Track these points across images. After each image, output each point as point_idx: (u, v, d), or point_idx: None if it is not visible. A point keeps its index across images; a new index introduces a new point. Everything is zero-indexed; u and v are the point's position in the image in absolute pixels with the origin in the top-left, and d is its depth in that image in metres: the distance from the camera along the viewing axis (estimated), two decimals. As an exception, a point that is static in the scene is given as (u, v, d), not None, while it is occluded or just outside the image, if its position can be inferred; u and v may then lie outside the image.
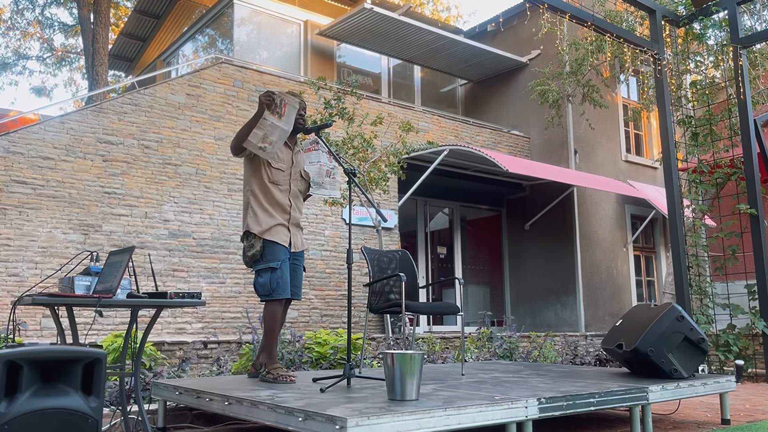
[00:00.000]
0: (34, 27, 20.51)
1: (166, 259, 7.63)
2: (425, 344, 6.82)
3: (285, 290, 3.73)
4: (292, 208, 3.90)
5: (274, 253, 3.73)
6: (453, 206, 11.53)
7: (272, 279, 3.69)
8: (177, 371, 4.90)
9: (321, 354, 5.29)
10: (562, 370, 4.70)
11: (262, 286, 3.72)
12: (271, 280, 3.69)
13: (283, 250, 3.77)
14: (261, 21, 10.86)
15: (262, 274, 3.72)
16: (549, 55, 11.24)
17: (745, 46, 7.09)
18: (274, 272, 3.70)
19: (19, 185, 6.87)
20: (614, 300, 11.25)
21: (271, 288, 3.69)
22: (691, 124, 7.67)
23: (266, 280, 3.70)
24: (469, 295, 11.61)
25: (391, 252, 4.92)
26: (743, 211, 6.92)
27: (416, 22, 10.60)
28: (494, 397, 2.96)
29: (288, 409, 2.67)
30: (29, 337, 6.39)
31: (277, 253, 3.73)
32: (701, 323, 6.87)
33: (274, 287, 3.69)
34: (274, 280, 3.69)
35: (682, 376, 3.85)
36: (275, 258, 3.72)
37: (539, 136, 11.65)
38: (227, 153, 8.33)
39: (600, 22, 6.87)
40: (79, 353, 2.31)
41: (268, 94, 3.70)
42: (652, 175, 12.33)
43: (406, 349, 5.47)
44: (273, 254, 3.72)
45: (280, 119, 3.67)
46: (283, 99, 3.70)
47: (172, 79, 8.31)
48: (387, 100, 11.29)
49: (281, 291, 3.71)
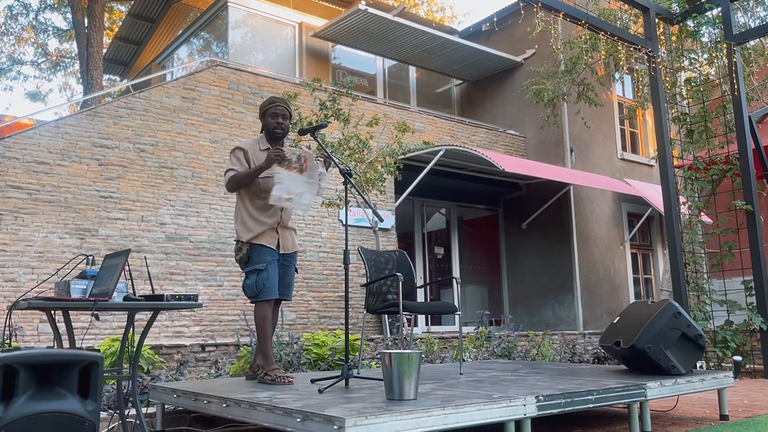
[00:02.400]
0: (29, 32, 20.48)
1: (163, 262, 7.62)
2: (423, 344, 6.82)
3: (272, 291, 3.76)
4: (283, 211, 3.91)
5: (259, 255, 3.77)
6: (450, 206, 11.53)
7: (258, 280, 3.73)
8: (175, 374, 4.89)
9: (319, 355, 5.29)
10: (561, 368, 4.70)
11: (249, 288, 3.78)
12: (257, 282, 3.73)
13: (269, 251, 3.80)
14: (255, 23, 10.86)
15: (249, 276, 3.78)
16: (544, 54, 11.25)
17: (738, 43, 7.11)
18: (260, 274, 3.74)
19: (15, 190, 6.85)
20: (612, 298, 11.26)
21: (257, 289, 3.74)
22: (686, 122, 7.69)
23: (252, 282, 3.75)
24: (467, 295, 11.62)
25: (389, 252, 4.92)
26: (739, 207, 6.94)
27: (411, 23, 10.61)
28: (492, 396, 2.96)
29: (286, 410, 2.67)
30: (26, 342, 6.37)
31: (262, 255, 3.77)
32: (698, 320, 6.88)
33: (261, 288, 3.73)
34: (260, 282, 3.73)
35: (680, 372, 3.85)
36: (261, 260, 3.76)
37: (535, 136, 11.67)
38: (223, 156, 8.32)
39: (594, 21, 6.88)
40: (75, 357, 2.30)
41: (277, 151, 3.67)
42: (648, 172, 12.35)
43: (405, 349, 5.47)
44: (258, 256, 3.77)
45: (301, 173, 3.70)
46: (303, 155, 3.71)
47: (167, 83, 8.30)
48: (382, 100, 11.29)
49: (267, 292, 3.74)
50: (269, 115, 3.93)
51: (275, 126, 3.93)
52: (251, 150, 3.90)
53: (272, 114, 3.93)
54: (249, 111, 8.68)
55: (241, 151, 3.88)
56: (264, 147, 3.94)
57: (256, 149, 3.92)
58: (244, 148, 3.89)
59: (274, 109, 3.93)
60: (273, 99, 3.98)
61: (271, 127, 3.93)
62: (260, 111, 4.00)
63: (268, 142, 3.97)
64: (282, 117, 3.94)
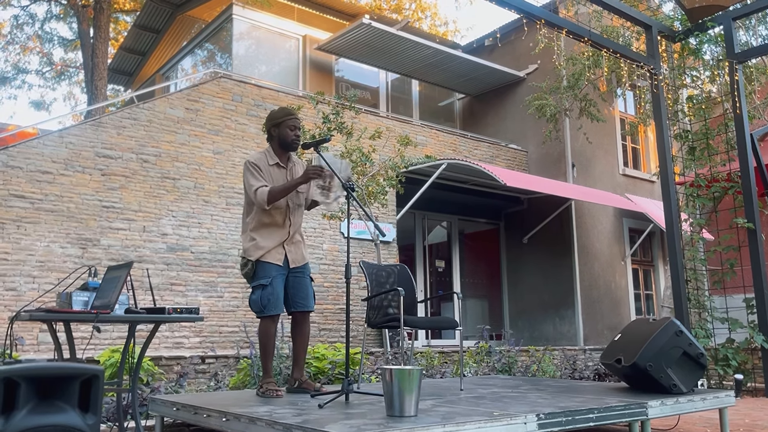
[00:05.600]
0: (34, 41, 20.61)
1: (164, 272, 7.61)
2: (424, 358, 6.80)
3: (276, 306, 3.76)
4: (291, 226, 3.90)
5: (264, 271, 3.77)
6: (451, 220, 11.54)
7: (263, 296, 3.73)
8: (174, 386, 4.88)
9: (319, 369, 5.27)
10: (561, 384, 4.68)
11: (254, 303, 3.78)
12: (262, 297, 3.74)
13: (274, 267, 3.80)
14: (260, 36, 10.92)
15: (255, 291, 3.79)
16: (546, 69, 11.30)
17: (740, 61, 7.14)
18: (264, 289, 3.74)
19: (18, 199, 6.87)
20: (613, 313, 11.23)
21: (262, 305, 3.74)
22: (688, 138, 7.70)
23: (258, 297, 3.75)
24: (468, 309, 11.59)
25: (390, 266, 4.92)
26: (741, 225, 6.94)
27: (414, 37, 10.67)
28: (493, 413, 2.95)
29: (286, 426, 2.66)
30: (26, 352, 6.36)
31: (267, 271, 3.77)
32: (700, 337, 6.85)
33: (265, 304, 3.73)
34: (265, 297, 3.73)
35: (681, 391, 3.84)
36: (266, 275, 3.76)
37: (537, 150, 11.69)
38: (226, 167, 8.34)
39: (596, 38, 6.92)
40: (76, 370, 2.30)
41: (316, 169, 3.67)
42: (650, 188, 12.36)
43: (405, 363, 5.45)
44: (264, 272, 3.77)
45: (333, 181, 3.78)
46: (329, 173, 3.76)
47: (171, 94, 8.35)
48: (385, 114, 11.34)
49: (272, 307, 3.74)
50: (287, 126, 3.90)
51: (294, 138, 3.91)
52: (263, 165, 3.88)
53: (291, 126, 3.91)
54: (252, 123, 8.71)
55: (257, 167, 3.84)
56: (273, 161, 3.91)
57: (266, 164, 3.90)
58: (258, 164, 3.86)
59: (292, 121, 3.92)
60: (289, 111, 3.95)
61: (289, 139, 3.91)
62: (273, 121, 3.94)
63: (276, 154, 3.95)
64: (299, 129, 3.95)
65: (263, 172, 3.85)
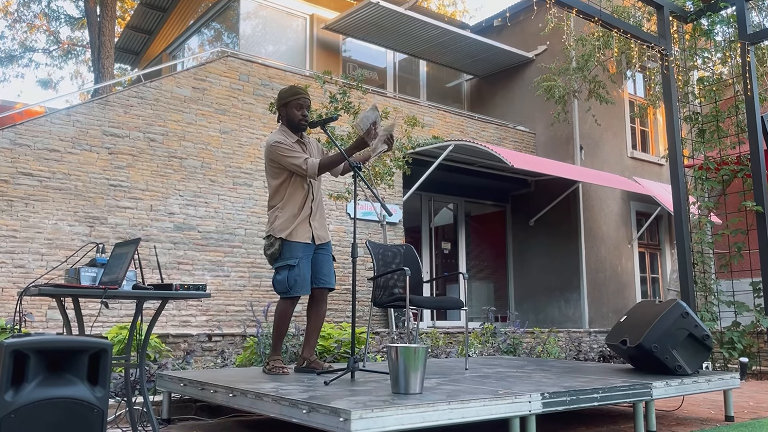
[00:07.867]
0: (41, 19, 20.55)
1: (171, 252, 7.65)
2: (429, 339, 6.83)
3: (303, 287, 3.73)
4: (313, 202, 3.87)
5: (291, 251, 3.72)
6: (458, 201, 11.52)
7: (290, 276, 3.69)
8: (181, 363, 4.92)
9: (325, 347, 5.30)
10: (566, 365, 4.70)
11: (280, 284, 3.72)
12: (288, 278, 3.69)
13: (301, 247, 3.75)
14: (267, 15, 10.85)
15: (281, 272, 3.73)
16: (555, 50, 11.20)
17: (752, 42, 7.05)
18: (291, 270, 3.70)
19: (26, 177, 6.89)
20: (618, 297, 11.23)
21: (288, 285, 3.69)
22: (698, 121, 7.64)
23: (284, 278, 3.70)
24: (473, 291, 11.62)
25: (396, 246, 4.92)
26: (749, 208, 6.90)
27: (422, 17, 10.57)
28: (498, 392, 2.97)
29: (292, 402, 2.68)
30: (35, 328, 6.42)
31: (294, 251, 3.73)
32: (706, 320, 6.86)
33: (292, 284, 3.69)
34: (291, 278, 3.69)
35: (686, 372, 3.84)
36: (293, 255, 3.72)
37: (545, 132, 11.62)
38: (232, 146, 8.34)
39: (607, 18, 6.84)
40: (85, 343, 2.32)
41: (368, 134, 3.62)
42: (658, 171, 12.29)
43: (410, 343, 5.48)
44: (290, 252, 3.72)
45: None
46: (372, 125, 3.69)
47: (178, 73, 8.32)
48: (392, 94, 11.27)
49: (299, 288, 3.71)
50: (294, 106, 3.87)
51: (300, 119, 3.88)
52: (288, 143, 3.81)
53: (297, 106, 3.87)
54: (259, 102, 8.68)
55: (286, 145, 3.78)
56: (293, 139, 3.87)
57: (290, 142, 3.84)
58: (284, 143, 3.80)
59: (300, 101, 3.88)
60: (297, 90, 3.91)
61: (296, 120, 3.87)
62: (281, 101, 3.91)
63: (291, 131, 3.91)
64: (306, 109, 3.91)
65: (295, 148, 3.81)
